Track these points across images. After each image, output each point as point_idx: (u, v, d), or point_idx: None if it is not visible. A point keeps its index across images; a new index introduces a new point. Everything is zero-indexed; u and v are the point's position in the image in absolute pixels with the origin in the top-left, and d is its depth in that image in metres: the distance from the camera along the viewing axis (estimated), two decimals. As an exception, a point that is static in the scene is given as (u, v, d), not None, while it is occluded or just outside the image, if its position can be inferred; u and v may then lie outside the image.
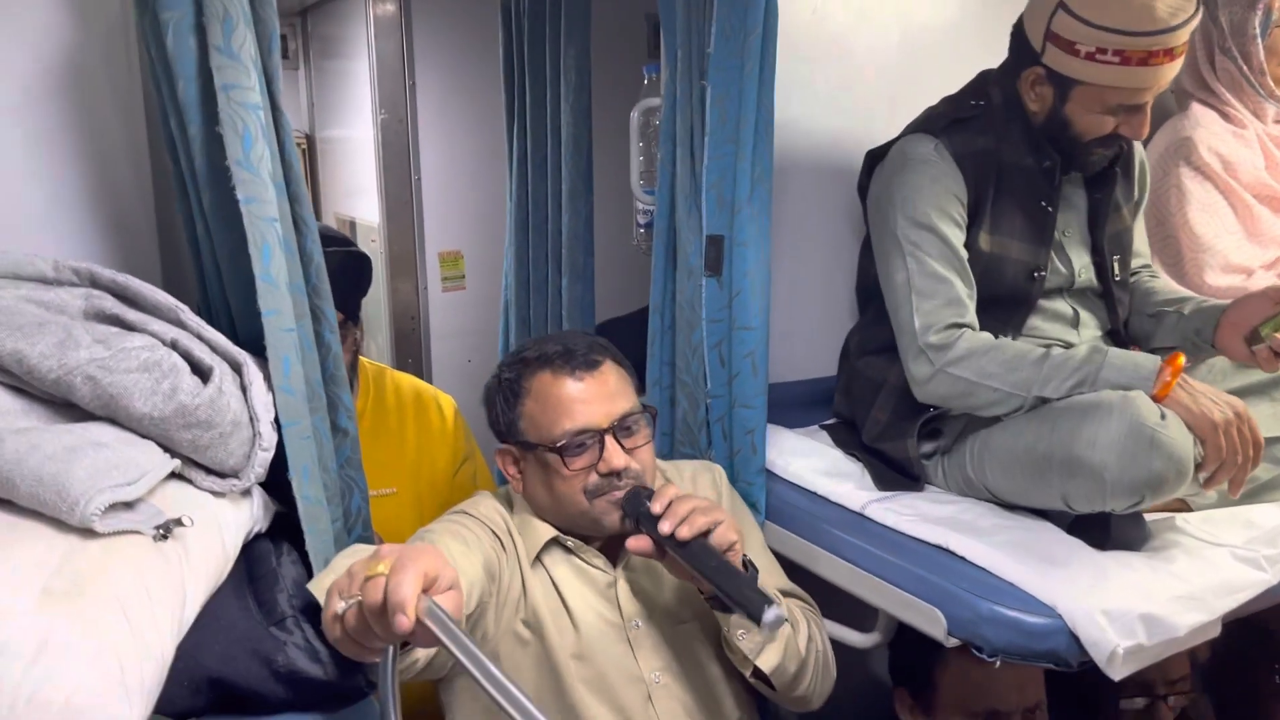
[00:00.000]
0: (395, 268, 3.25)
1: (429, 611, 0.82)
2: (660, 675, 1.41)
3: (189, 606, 0.97)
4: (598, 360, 1.42)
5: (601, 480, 1.37)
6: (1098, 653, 1.27)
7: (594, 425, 1.37)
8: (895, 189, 1.64)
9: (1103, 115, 1.56)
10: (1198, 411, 1.37)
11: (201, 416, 1.07)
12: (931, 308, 1.58)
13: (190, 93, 1.19)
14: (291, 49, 3.80)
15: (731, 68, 1.53)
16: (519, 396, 1.42)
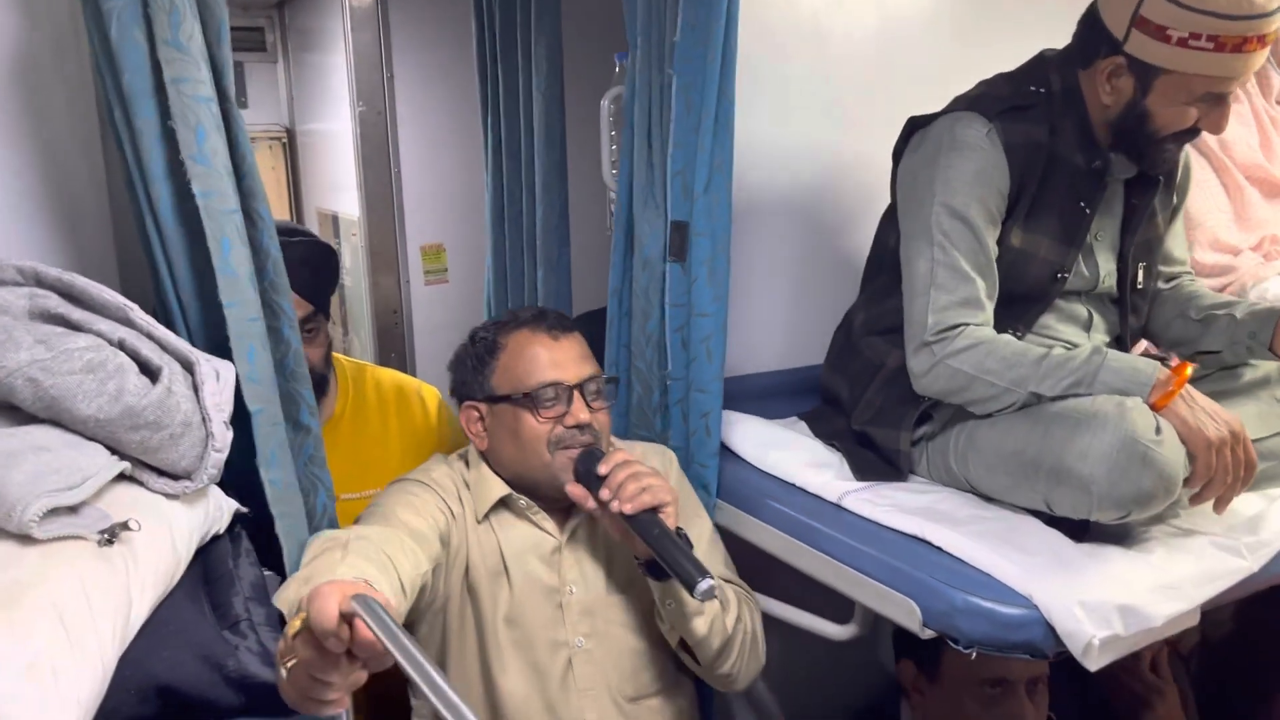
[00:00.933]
0: (377, 262, 3.22)
1: (356, 603, 0.81)
2: (585, 640, 1.49)
3: (135, 612, 0.95)
4: (569, 327, 1.53)
5: (565, 432, 1.45)
6: (1073, 644, 1.25)
7: (564, 380, 1.47)
8: (938, 170, 1.55)
9: (1186, 107, 1.48)
10: (1194, 425, 1.35)
11: (149, 418, 1.04)
12: (946, 304, 1.52)
13: (137, 85, 1.17)
14: (269, 42, 3.77)
15: (697, 57, 1.52)
16: (494, 353, 1.50)
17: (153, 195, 1.22)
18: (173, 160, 1.21)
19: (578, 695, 1.48)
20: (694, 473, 1.69)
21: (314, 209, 3.82)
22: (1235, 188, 2.10)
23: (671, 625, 1.46)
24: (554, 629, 1.48)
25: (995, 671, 1.55)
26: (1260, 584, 1.41)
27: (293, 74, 3.82)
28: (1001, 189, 1.54)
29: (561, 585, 1.49)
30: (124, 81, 1.17)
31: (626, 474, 1.37)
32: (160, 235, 1.25)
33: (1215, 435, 1.34)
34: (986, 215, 1.54)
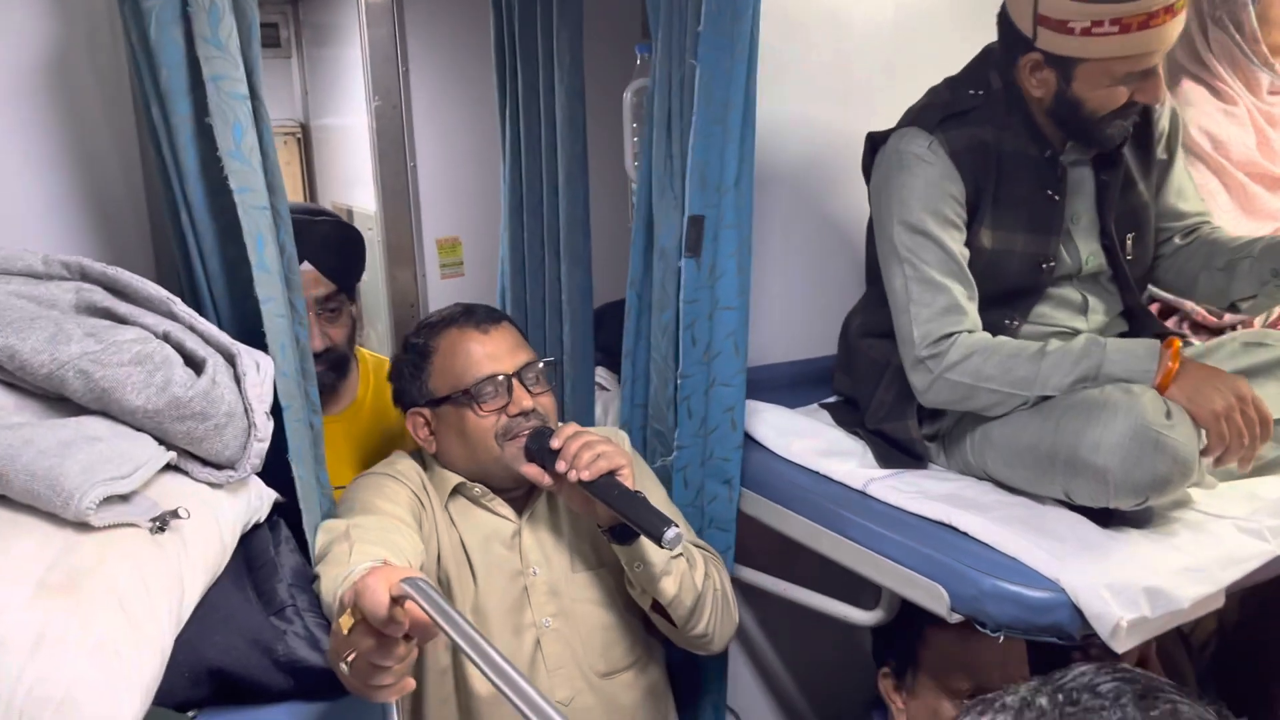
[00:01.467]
0: (393, 256, 3.24)
1: (406, 585, 0.83)
2: (552, 620, 1.51)
3: (187, 598, 0.97)
4: (498, 318, 1.55)
5: (510, 422, 1.47)
6: (1101, 626, 1.26)
7: (501, 370, 1.48)
8: (892, 191, 1.60)
9: (1113, 88, 1.49)
10: (1199, 400, 1.36)
11: (196, 408, 1.06)
12: (928, 316, 1.55)
13: (175, 82, 1.18)
14: (284, 37, 3.78)
15: (721, 47, 1.51)
16: (428, 356, 1.52)
17: (188, 191, 1.24)
18: (207, 156, 1.23)
19: (548, 675, 1.50)
20: (714, 466, 1.68)
21: (330, 203, 3.84)
22: (1237, 186, 2.09)
23: (642, 589, 1.48)
24: (520, 612, 1.50)
25: (971, 681, 1.54)
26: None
27: (307, 69, 3.83)
28: (955, 194, 1.57)
29: (524, 568, 1.51)
30: (161, 78, 1.19)
31: (580, 444, 1.38)
32: (194, 231, 1.27)
33: (1222, 405, 1.35)
34: (944, 222, 1.57)
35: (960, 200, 1.57)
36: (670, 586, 1.45)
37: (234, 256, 1.27)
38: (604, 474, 1.36)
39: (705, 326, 1.63)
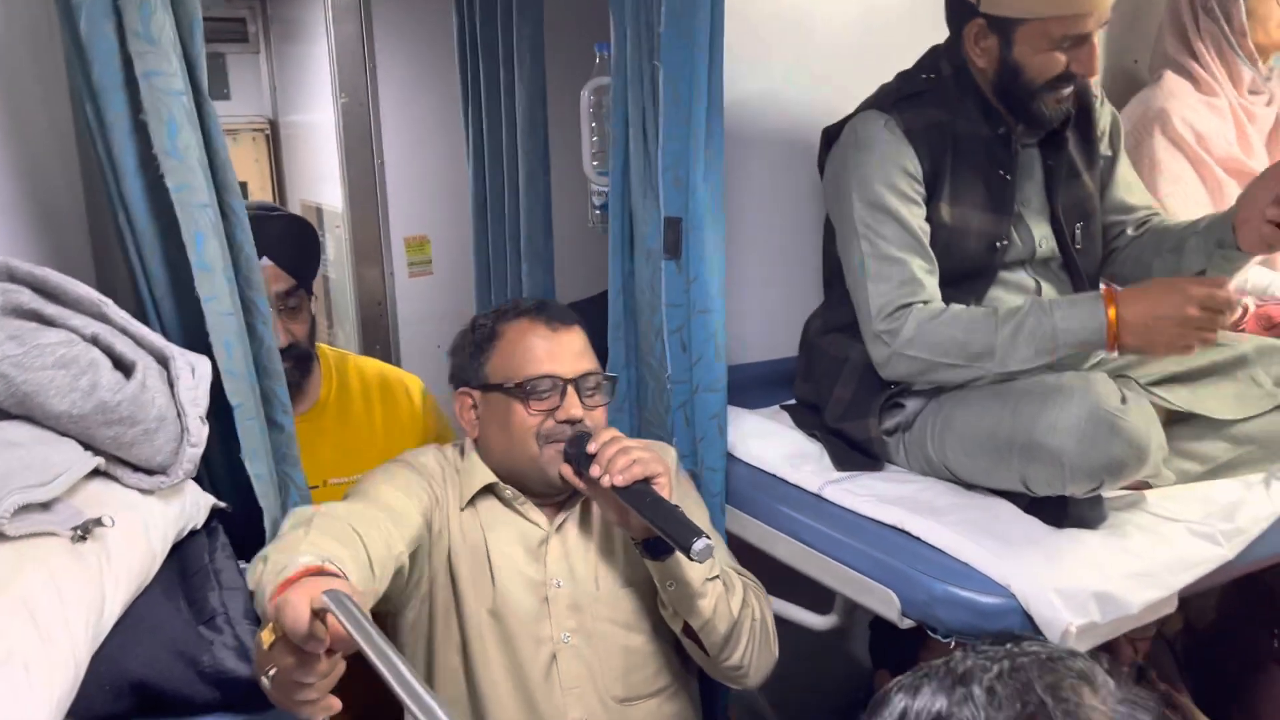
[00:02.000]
0: (361, 254, 3.20)
1: (326, 598, 0.81)
2: (571, 636, 1.44)
3: (108, 609, 0.95)
4: (571, 320, 1.50)
5: (556, 427, 1.42)
6: (1051, 631, 1.26)
7: (560, 374, 1.44)
8: (850, 170, 1.62)
9: (1051, 52, 1.54)
10: (1156, 346, 1.41)
11: (124, 413, 1.04)
12: (885, 290, 1.57)
13: (107, 79, 1.16)
14: (252, 32, 3.74)
15: (683, 47, 1.50)
16: (492, 340, 1.48)
17: (125, 190, 1.21)
18: (144, 154, 1.20)
19: (561, 693, 1.44)
20: (705, 479, 1.64)
21: (298, 201, 3.80)
22: (1213, 180, 2.11)
23: (674, 609, 1.42)
24: (538, 624, 1.44)
25: None
26: (1237, 571, 1.43)
27: (275, 65, 3.79)
28: (912, 170, 1.60)
29: (547, 579, 1.45)
30: (94, 75, 1.16)
31: (616, 448, 1.33)
32: (133, 230, 1.24)
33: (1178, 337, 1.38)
34: (902, 197, 1.59)
35: (917, 176, 1.60)
36: (705, 609, 1.38)
37: (175, 256, 1.25)
38: (638, 480, 1.31)
39: (689, 331, 1.61)
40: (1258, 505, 1.45)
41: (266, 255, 1.62)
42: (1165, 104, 2.11)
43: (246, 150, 3.85)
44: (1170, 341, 1.39)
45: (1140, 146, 2.13)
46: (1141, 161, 2.12)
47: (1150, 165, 2.10)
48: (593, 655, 1.45)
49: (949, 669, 0.68)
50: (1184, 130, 2.09)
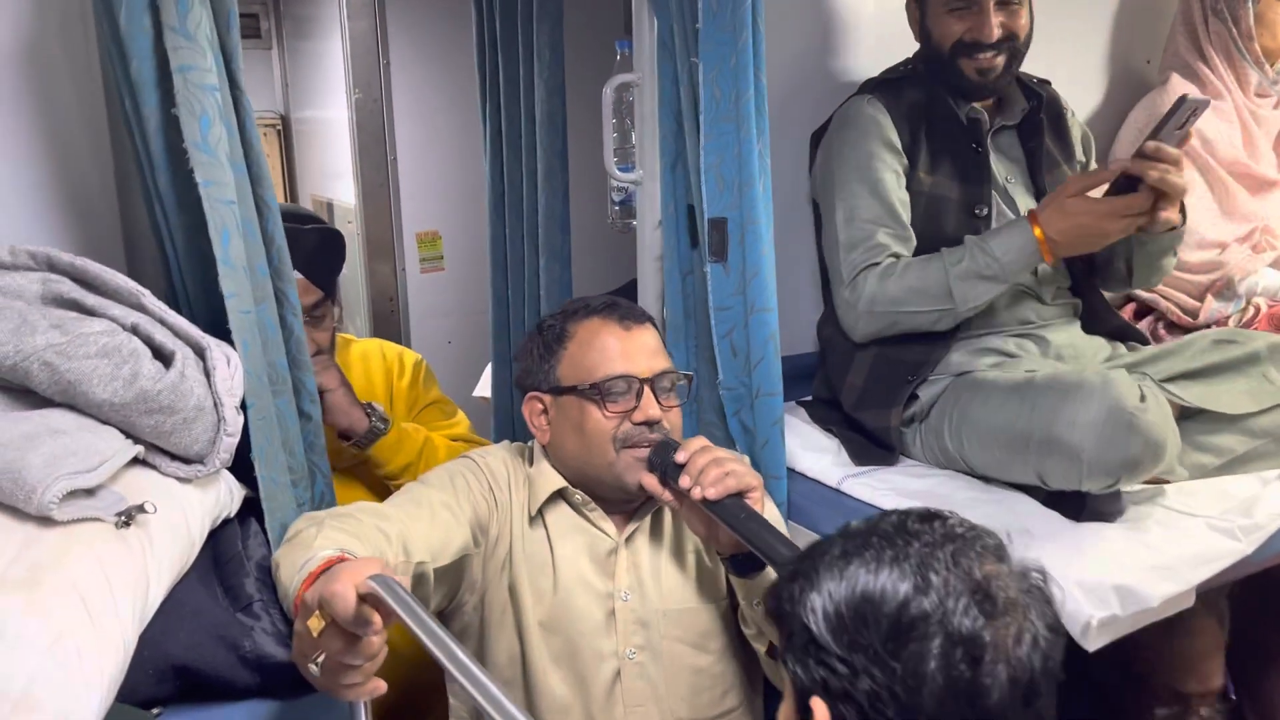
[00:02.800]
0: (373, 249, 3.22)
1: (374, 583, 0.83)
2: (637, 653, 1.37)
3: (152, 593, 0.96)
4: (642, 318, 1.44)
5: (633, 429, 1.35)
6: (1072, 624, 1.27)
7: (636, 373, 1.37)
8: (834, 149, 1.73)
9: (949, 16, 1.67)
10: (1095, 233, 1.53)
11: (164, 401, 1.05)
12: (853, 257, 1.67)
13: (144, 73, 1.17)
14: (264, 29, 3.76)
15: (723, 42, 1.47)
16: (561, 341, 1.42)
17: (159, 183, 1.23)
18: (177, 148, 1.21)
19: (624, 711, 1.36)
20: (768, 488, 1.53)
21: (309, 196, 3.82)
22: (1219, 184, 2.12)
23: (759, 629, 1.33)
24: (602, 637, 1.37)
25: None
26: (1254, 566, 1.44)
27: (288, 61, 3.80)
28: (891, 140, 1.70)
29: (614, 590, 1.37)
30: (131, 69, 1.18)
31: (708, 459, 1.25)
32: (166, 223, 1.25)
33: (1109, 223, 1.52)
34: (883, 164, 1.69)
35: (897, 147, 1.71)
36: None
37: (206, 249, 1.26)
38: (731, 494, 1.23)
39: (742, 334, 1.55)
40: (1275, 501, 1.46)
41: (299, 270, 1.61)
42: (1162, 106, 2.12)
43: (258, 146, 3.86)
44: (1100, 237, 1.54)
45: (1147, 150, 2.14)
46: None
47: (1157, 169, 2.11)
48: (659, 674, 1.38)
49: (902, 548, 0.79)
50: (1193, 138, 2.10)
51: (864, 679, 0.76)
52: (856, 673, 0.77)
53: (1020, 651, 0.77)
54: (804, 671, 0.80)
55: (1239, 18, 2.12)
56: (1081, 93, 2.21)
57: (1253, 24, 2.12)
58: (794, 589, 0.83)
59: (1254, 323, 2.02)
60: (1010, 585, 0.79)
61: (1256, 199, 2.16)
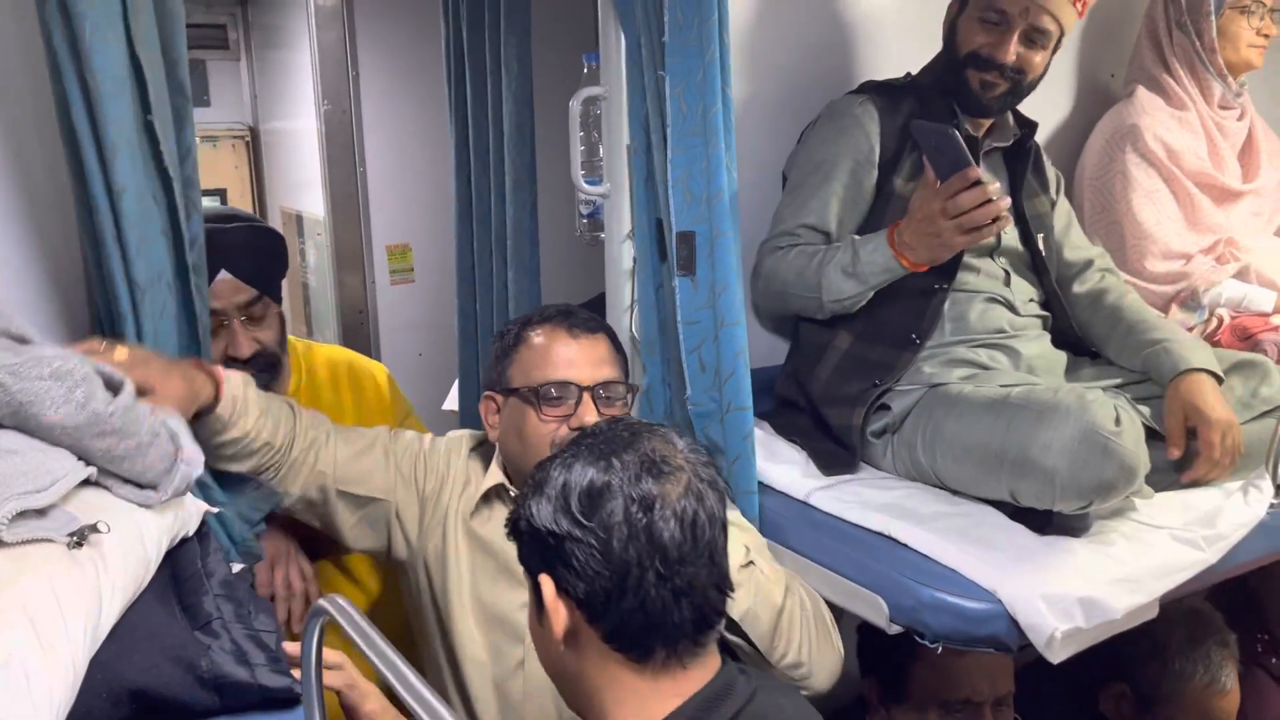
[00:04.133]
0: (342, 261, 3.20)
1: (324, 604, 0.82)
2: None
3: (105, 615, 0.94)
4: (595, 328, 1.50)
5: (570, 435, 1.36)
6: (1036, 636, 1.28)
7: (577, 380, 1.43)
8: (813, 135, 1.78)
9: (978, 26, 1.69)
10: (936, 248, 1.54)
11: (116, 424, 1.03)
12: (773, 234, 1.73)
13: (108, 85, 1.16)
14: (232, 39, 3.73)
15: (690, 56, 1.47)
16: (516, 345, 1.49)
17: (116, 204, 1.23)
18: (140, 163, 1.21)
19: (523, 697, 1.45)
20: (740, 504, 1.56)
21: (278, 208, 3.79)
22: (1185, 195, 2.14)
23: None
24: (516, 620, 1.44)
25: (960, 692, 1.55)
26: (1218, 576, 1.46)
27: (256, 72, 3.78)
28: (871, 141, 1.73)
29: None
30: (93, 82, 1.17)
31: None
32: (121, 241, 1.26)
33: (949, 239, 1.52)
34: (845, 168, 1.72)
35: (873, 145, 1.73)
36: (743, 599, 1.30)
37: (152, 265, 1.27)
38: None
39: (712, 348, 1.55)
40: (1237, 511, 1.48)
41: (224, 268, 1.61)
42: (1137, 120, 2.15)
43: (226, 157, 3.84)
44: (943, 244, 1.53)
45: (1113, 162, 2.16)
46: (1114, 177, 2.16)
47: (1123, 181, 2.13)
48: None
49: (594, 446, 1.04)
50: (1155, 146, 2.13)
51: (571, 544, 0.99)
52: (566, 542, 1.00)
53: (685, 501, 1.01)
54: (533, 561, 1.05)
55: (1202, 31, 2.15)
56: (1047, 107, 2.22)
57: (1215, 37, 2.15)
58: (522, 510, 1.05)
59: (1217, 334, 2.04)
60: (676, 456, 1.04)
61: (1221, 210, 2.19)
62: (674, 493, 1.00)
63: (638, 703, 1.00)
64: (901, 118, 1.74)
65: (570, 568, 0.99)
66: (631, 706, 1.00)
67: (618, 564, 0.98)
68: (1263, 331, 1.95)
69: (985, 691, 1.56)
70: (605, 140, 1.76)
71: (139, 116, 1.23)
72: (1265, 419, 1.62)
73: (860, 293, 1.63)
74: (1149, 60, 2.22)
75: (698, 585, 1.00)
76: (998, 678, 1.57)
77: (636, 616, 0.98)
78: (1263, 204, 2.26)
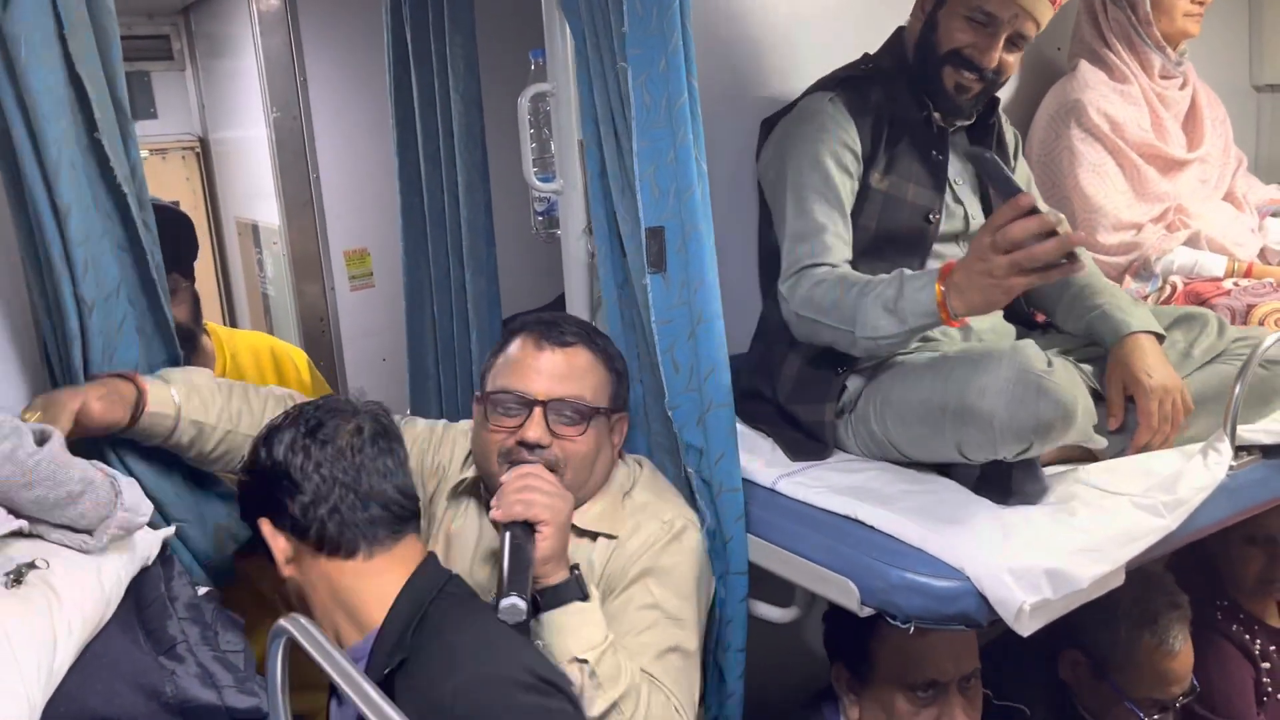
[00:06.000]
0: (300, 270, 3.16)
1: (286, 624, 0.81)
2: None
3: (61, 651, 0.93)
4: (571, 341, 1.44)
5: (517, 449, 1.37)
6: (1005, 611, 1.28)
7: (530, 393, 1.39)
8: (790, 141, 1.70)
9: (963, 23, 1.63)
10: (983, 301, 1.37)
11: (43, 473, 1.01)
12: (799, 250, 1.63)
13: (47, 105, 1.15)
14: (176, 49, 3.66)
15: (652, 46, 1.43)
16: (499, 350, 1.48)
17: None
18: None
19: None
20: (724, 501, 1.51)
21: (233, 218, 3.74)
22: (1131, 166, 2.16)
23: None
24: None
25: (924, 673, 1.56)
26: (1180, 541, 1.47)
27: (202, 81, 3.72)
28: (849, 144, 1.67)
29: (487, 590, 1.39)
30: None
31: (519, 483, 1.28)
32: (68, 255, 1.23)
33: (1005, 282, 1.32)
34: (838, 166, 1.66)
35: (855, 150, 1.67)
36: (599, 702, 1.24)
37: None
38: (517, 520, 1.24)
39: (688, 346, 1.50)
40: (1197, 475, 1.48)
41: None
42: (1080, 95, 2.16)
43: (176, 169, 3.78)
44: (995, 284, 1.34)
45: (1059, 138, 2.19)
46: (1060, 152, 2.18)
47: (1070, 156, 2.15)
48: None
49: (291, 418, 1.29)
50: (1099, 120, 2.15)
51: (272, 483, 1.23)
52: (269, 483, 1.24)
53: (355, 427, 1.28)
54: (251, 512, 1.26)
55: (1135, 4, 2.17)
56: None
57: (1149, 9, 2.17)
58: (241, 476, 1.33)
59: (1171, 300, 2.07)
60: (347, 407, 1.32)
61: (1168, 179, 2.22)
62: (346, 426, 1.27)
63: (361, 585, 1.21)
64: (871, 110, 1.69)
65: (275, 500, 1.22)
66: (356, 588, 1.21)
67: (313, 485, 1.22)
68: (1215, 296, 1.98)
69: (950, 670, 1.57)
70: (556, 136, 1.75)
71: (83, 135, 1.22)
72: (1209, 368, 1.64)
73: (898, 334, 1.48)
74: (1088, 35, 2.24)
75: (377, 491, 1.24)
76: (961, 656, 1.58)
77: (334, 520, 1.20)
78: (1209, 170, 2.28)
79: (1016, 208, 1.30)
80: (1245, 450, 1.58)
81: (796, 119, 1.72)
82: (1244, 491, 1.55)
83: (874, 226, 1.69)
